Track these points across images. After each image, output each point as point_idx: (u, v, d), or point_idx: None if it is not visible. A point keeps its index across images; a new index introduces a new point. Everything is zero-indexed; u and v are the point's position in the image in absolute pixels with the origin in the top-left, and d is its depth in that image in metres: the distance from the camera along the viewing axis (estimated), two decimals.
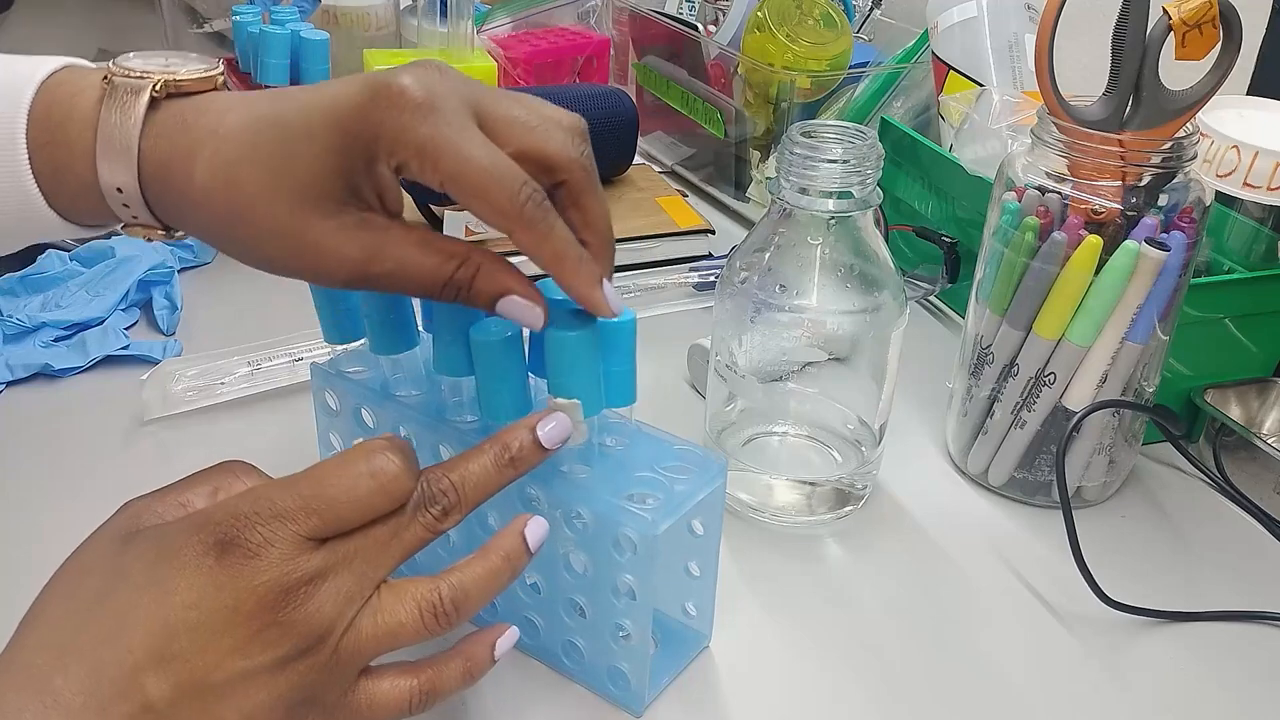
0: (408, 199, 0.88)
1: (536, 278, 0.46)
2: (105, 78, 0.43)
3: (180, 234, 0.45)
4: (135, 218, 0.44)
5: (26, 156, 0.43)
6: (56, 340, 0.74)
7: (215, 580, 0.36)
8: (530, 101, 0.43)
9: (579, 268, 0.42)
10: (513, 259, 0.44)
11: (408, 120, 0.39)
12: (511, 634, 0.43)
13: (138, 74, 0.42)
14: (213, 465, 0.42)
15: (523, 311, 0.42)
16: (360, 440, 0.40)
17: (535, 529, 0.42)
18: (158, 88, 0.42)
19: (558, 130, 0.42)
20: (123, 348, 0.74)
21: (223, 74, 0.45)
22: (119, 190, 0.42)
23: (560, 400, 0.44)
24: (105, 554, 0.38)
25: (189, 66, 0.44)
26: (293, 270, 0.42)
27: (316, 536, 0.38)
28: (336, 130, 0.40)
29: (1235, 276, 0.68)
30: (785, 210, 0.57)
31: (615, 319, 0.43)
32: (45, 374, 0.71)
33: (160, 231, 0.44)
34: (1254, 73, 0.80)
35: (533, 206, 0.40)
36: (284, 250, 0.41)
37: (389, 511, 0.39)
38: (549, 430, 0.42)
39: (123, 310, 0.78)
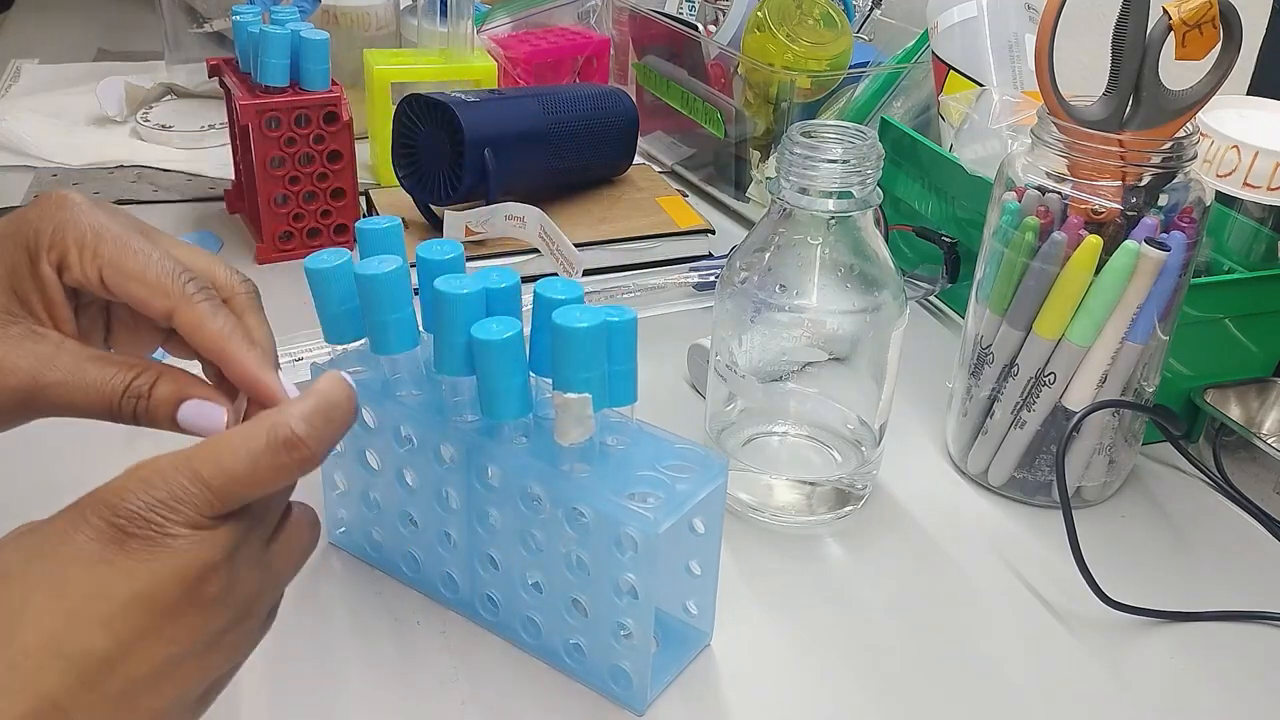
0: (407, 199, 0.88)
1: (537, 278, 0.46)
2: None
3: None
4: None
5: None
6: None
7: (124, 570, 0.33)
8: (201, 249, 0.44)
9: (247, 353, 0.41)
10: (514, 260, 0.44)
11: (69, 215, 0.40)
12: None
13: None
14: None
15: (205, 413, 0.40)
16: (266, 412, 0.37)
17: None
18: None
19: (215, 258, 0.43)
20: None
21: None
22: None
23: (569, 395, 0.44)
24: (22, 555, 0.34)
25: None
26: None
27: (220, 515, 0.35)
28: (1, 237, 0.40)
29: (1235, 276, 0.68)
30: (785, 210, 0.57)
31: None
32: None
33: None
34: (1254, 73, 0.80)
35: (195, 287, 0.40)
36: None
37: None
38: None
39: None
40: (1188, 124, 0.57)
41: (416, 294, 0.49)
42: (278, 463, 0.35)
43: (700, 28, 1.06)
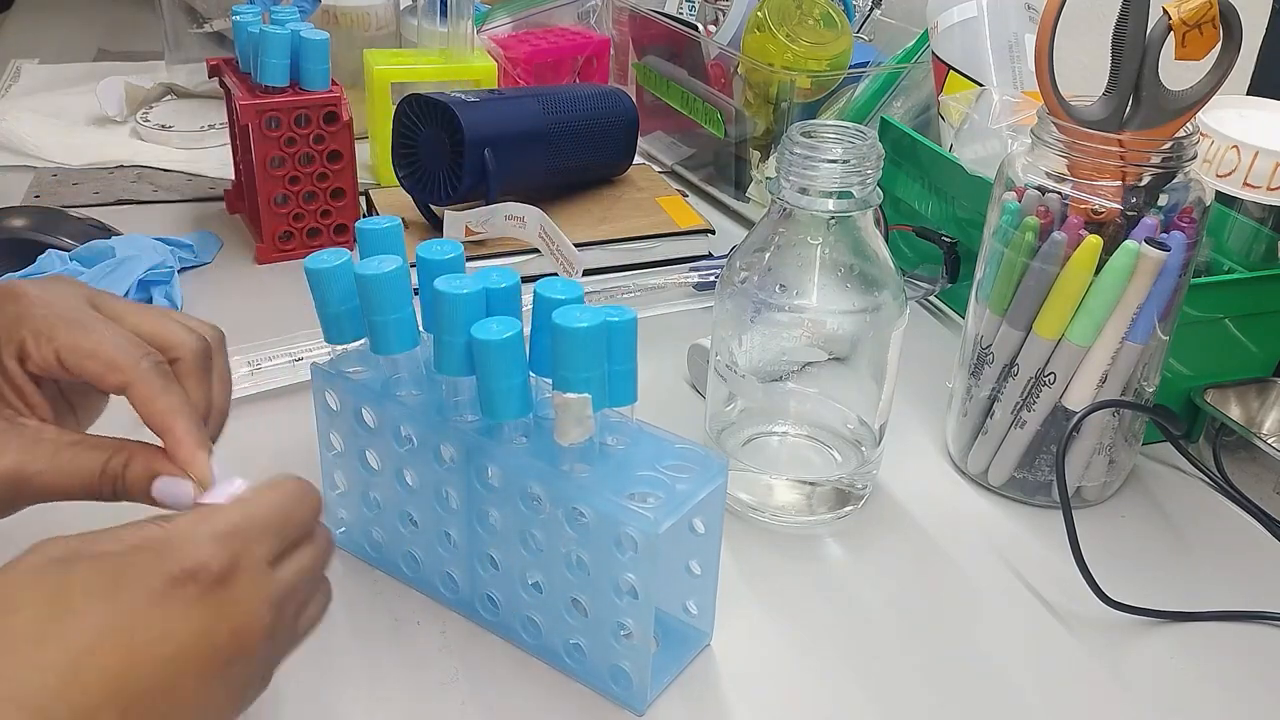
0: (407, 199, 0.88)
1: (537, 278, 0.46)
2: None
3: None
4: None
5: None
6: None
7: (184, 611, 0.34)
8: (150, 306, 0.45)
9: (188, 431, 0.42)
10: (514, 260, 0.44)
11: (21, 308, 0.41)
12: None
13: None
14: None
15: (173, 489, 0.42)
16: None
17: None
18: None
19: (171, 318, 0.45)
20: None
21: None
22: None
23: (569, 395, 0.44)
24: (37, 586, 0.34)
25: None
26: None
27: (271, 555, 0.38)
28: None
29: (1235, 276, 0.68)
30: (785, 210, 0.57)
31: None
32: None
33: None
34: (1254, 73, 0.80)
35: (149, 364, 0.42)
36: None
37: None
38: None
39: None
40: (1188, 124, 0.57)
41: (416, 294, 0.49)
42: (313, 501, 0.41)
43: (700, 28, 1.06)
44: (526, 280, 0.48)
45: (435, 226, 0.86)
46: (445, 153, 0.84)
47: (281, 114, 0.83)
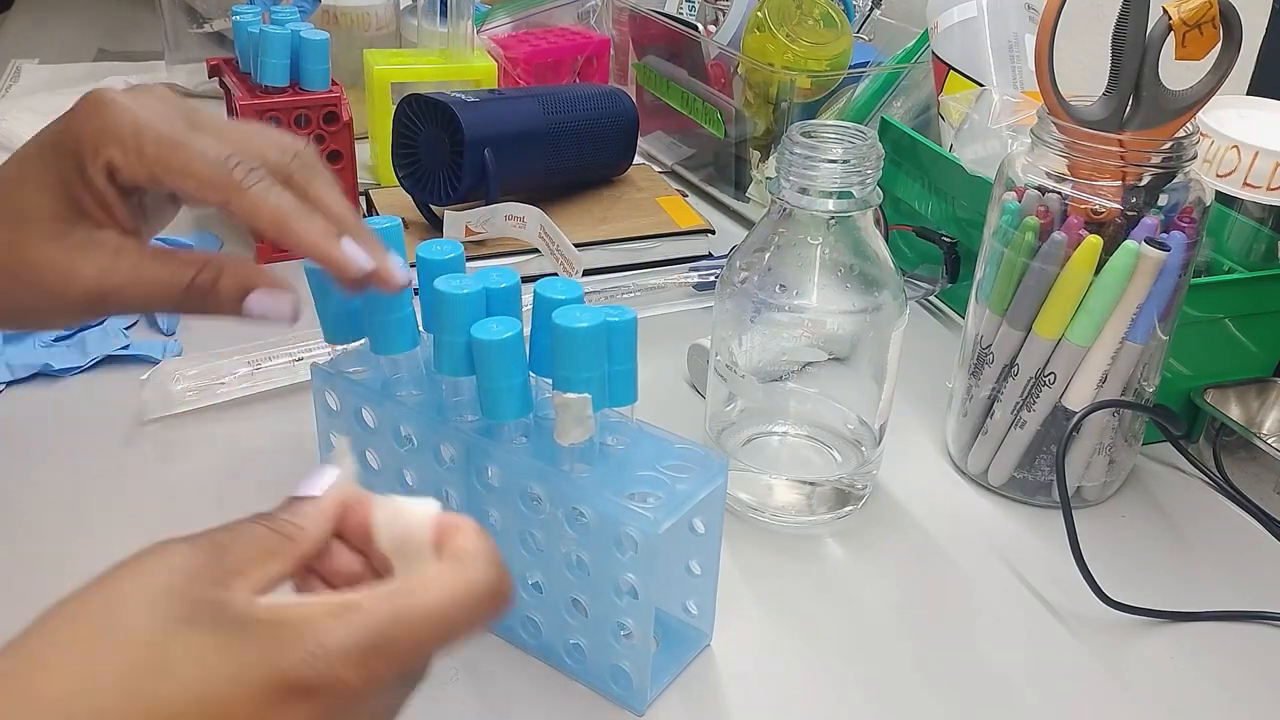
0: (407, 199, 0.88)
1: (537, 278, 0.46)
2: None
3: None
4: None
5: None
6: (56, 340, 0.74)
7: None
8: (243, 121, 0.43)
9: (306, 224, 0.40)
10: (514, 260, 0.44)
11: (110, 117, 0.39)
12: None
13: None
14: (252, 520, 0.33)
15: (272, 302, 0.41)
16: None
17: None
18: None
19: (267, 131, 0.43)
20: (123, 348, 0.74)
21: None
22: None
23: (569, 396, 0.44)
24: (144, 623, 0.29)
25: None
26: (34, 306, 0.40)
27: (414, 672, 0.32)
28: (45, 147, 0.40)
29: (1235, 276, 0.68)
30: (785, 210, 0.57)
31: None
32: (45, 374, 0.71)
33: None
34: (1254, 73, 0.80)
35: (242, 171, 0.40)
36: (17, 284, 0.40)
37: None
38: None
39: None
40: (1188, 124, 0.57)
41: (416, 294, 0.49)
42: (490, 614, 0.32)
43: (700, 28, 1.06)
44: (526, 280, 0.48)
45: (435, 226, 0.86)
46: (445, 153, 0.84)
47: (281, 114, 0.83)
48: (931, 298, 0.86)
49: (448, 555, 0.33)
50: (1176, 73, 0.57)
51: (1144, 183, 0.57)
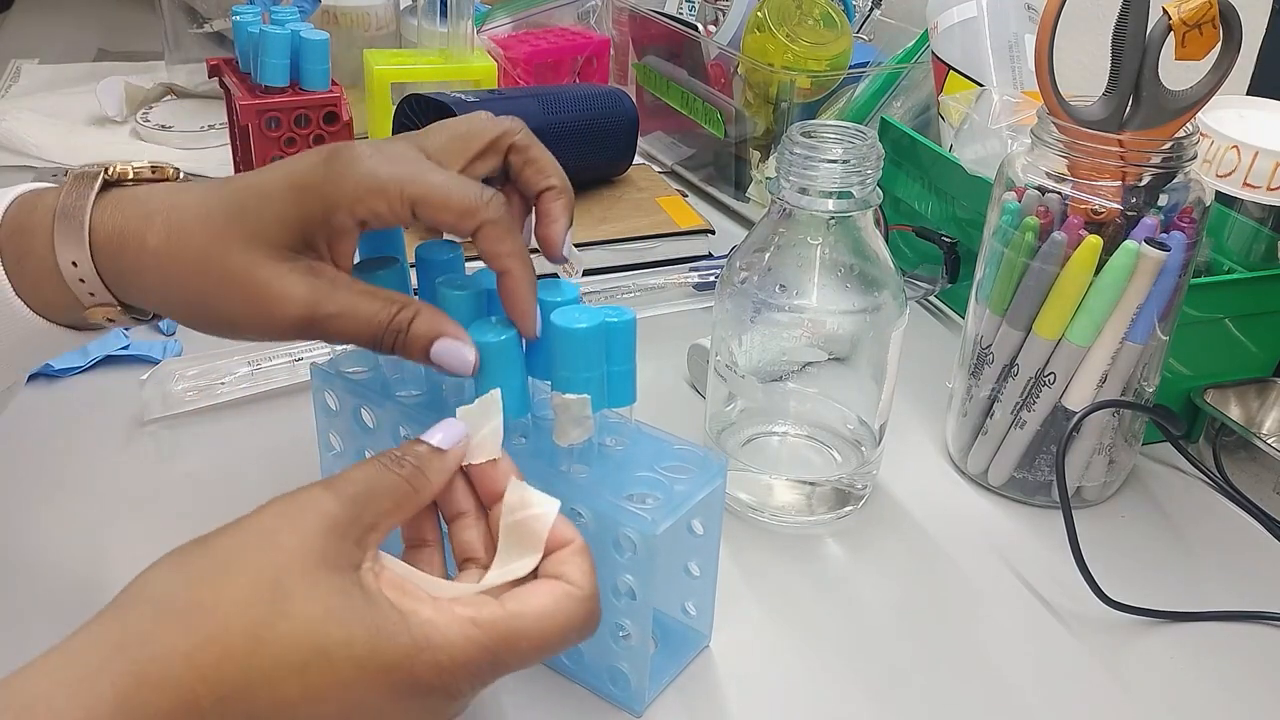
0: None
1: (542, 277, 0.46)
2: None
3: (143, 316, 0.46)
4: (93, 295, 0.44)
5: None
6: None
7: (409, 713, 0.36)
8: (462, 133, 0.47)
9: (525, 278, 0.44)
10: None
11: (368, 166, 0.42)
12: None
13: (97, 166, 0.44)
14: (386, 465, 0.40)
15: (456, 353, 0.43)
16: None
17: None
18: (110, 172, 0.44)
19: (480, 118, 0.47)
20: (123, 348, 0.74)
21: (178, 168, 0.47)
22: (74, 265, 0.43)
23: (568, 396, 0.44)
24: (309, 604, 0.35)
25: (146, 162, 0.46)
26: (244, 318, 0.43)
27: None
28: (295, 188, 0.42)
29: (1235, 276, 0.68)
30: (785, 210, 0.57)
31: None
32: (45, 374, 0.71)
33: (118, 308, 0.44)
34: (1254, 73, 0.80)
35: (496, 205, 0.43)
36: (235, 297, 0.42)
37: None
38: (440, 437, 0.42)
39: None
40: (1188, 124, 0.57)
41: (416, 294, 0.49)
42: (577, 636, 0.39)
43: (700, 28, 1.06)
44: None
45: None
46: None
47: (281, 114, 0.83)
48: (931, 298, 0.86)
49: (560, 579, 0.39)
50: (1176, 73, 0.57)
51: (1144, 183, 0.57)
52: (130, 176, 0.45)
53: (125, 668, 0.33)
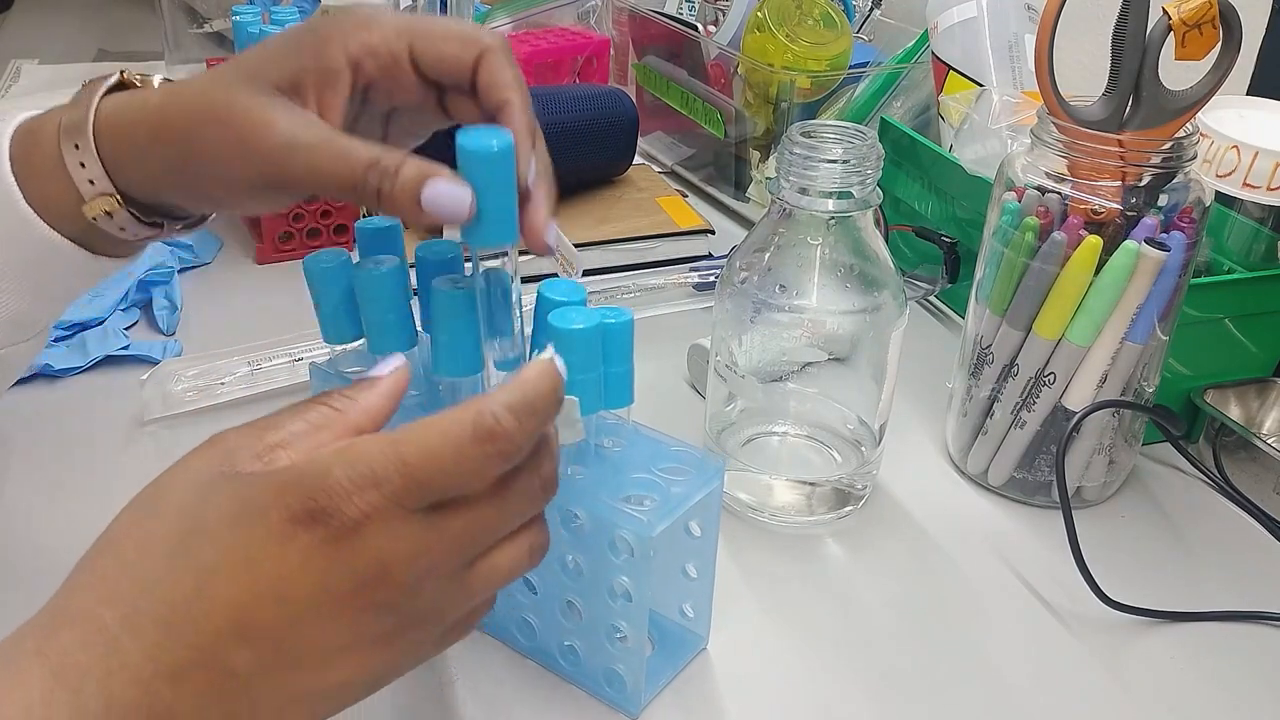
0: None
1: (538, 278, 0.46)
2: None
3: (141, 219, 0.45)
4: (93, 184, 0.43)
5: (9, 162, 0.44)
6: (56, 340, 0.74)
7: (305, 554, 0.33)
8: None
9: (524, 109, 0.42)
10: (520, 258, 0.44)
11: (367, 10, 0.42)
12: None
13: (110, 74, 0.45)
14: (309, 400, 0.38)
15: (451, 195, 0.40)
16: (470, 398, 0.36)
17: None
18: (124, 75, 0.45)
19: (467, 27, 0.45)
20: (123, 348, 0.74)
21: None
22: (76, 147, 0.43)
23: None
24: (184, 498, 0.35)
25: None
26: (225, 154, 0.41)
27: (417, 507, 0.35)
28: (293, 30, 0.43)
29: (1235, 276, 0.68)
30: (785, 210, 0.57)
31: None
32: (45, 374, 0.71)
33: (115, 198, 0.44)
34: (1254, 73, 0.80)
35: (498, 34, 0.43)
36: (216, 129, 0.41)
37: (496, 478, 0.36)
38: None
39: (123, 310, 0.78)
40: (1188, 124, 0.57)
41: (416, 294, 0.49)
42: (481, 453, 0.35)
43: (700, 28, 1.06)
44: (527, 280, 0.48)
45: (435, 227, 0.85)
46: (445, 153, 0.84)
47: None
48: (931, 298, 0.86)
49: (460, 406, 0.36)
50: (1176, 73, 0.56)
51: (1144, 183, 0.57)
52: (138, 86, 0.45)
53: (42, 620, 0.34)
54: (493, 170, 0.40)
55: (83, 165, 0.43)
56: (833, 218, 0.56)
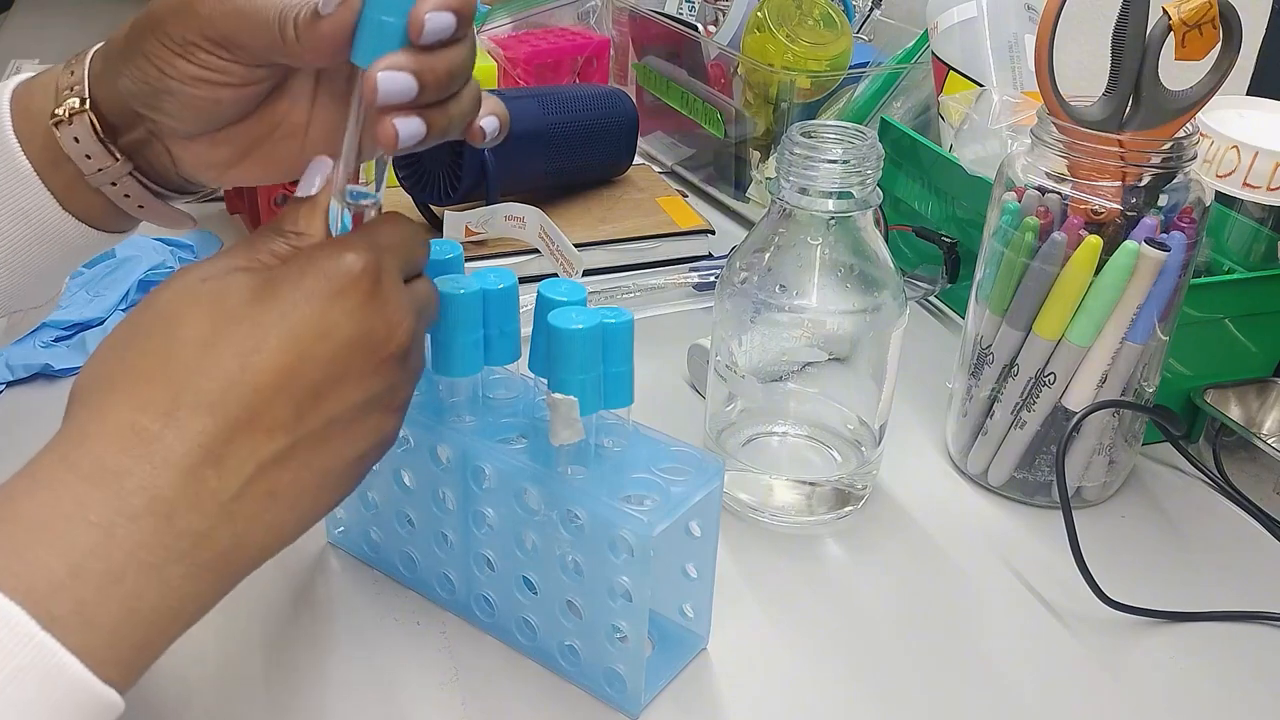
0: (407, 199, 0.88)
1: (538, 278, 0.46)
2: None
3: (118, 167, 0.44)
4: (71, 89, 0.43)
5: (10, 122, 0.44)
6: (56, 340, 0.74)
7: (347, 313, 0.37)
8: None
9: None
10: (514, 260, 0.44)
11: None
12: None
13: None
14: (263, 234, 0.40)
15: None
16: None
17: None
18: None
19: None
20: None
21: None
22: (71, 88, 0.43)
23: (558, 396, 0.44)
24: (194, 303, 0.37)
25: None
26: (179, 21, 0.40)
27: (407, 276, 0.40)
28: None
29: (1235, 276, 0.68)
30: (785, 210, 0.57)
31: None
32: (45, 374, 0.71)
33: (84, 101, 0.43)
34: (1254, 73, 0.80)
35: None
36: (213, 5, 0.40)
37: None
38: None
39: (122, 310, 0.78)
40: (1188, 124, 0.57)
41: None
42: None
43: (700, 28, 1.06)
44: (526, 281, 0.48)
45: (435, 227, 0.85)
46: (445, 153, 0.84)
47: None
48: (931, 298, 0.86)
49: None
50: (1176, 73, 0.56)
51: (1144, 183, 0.57)
52: None
53: (65, 441, 0.36)
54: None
55: (72, 73, 0.43)
56: (833, 218, 0.56)
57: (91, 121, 0.43)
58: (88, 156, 0.43)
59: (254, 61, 0.41)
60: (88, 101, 0.43)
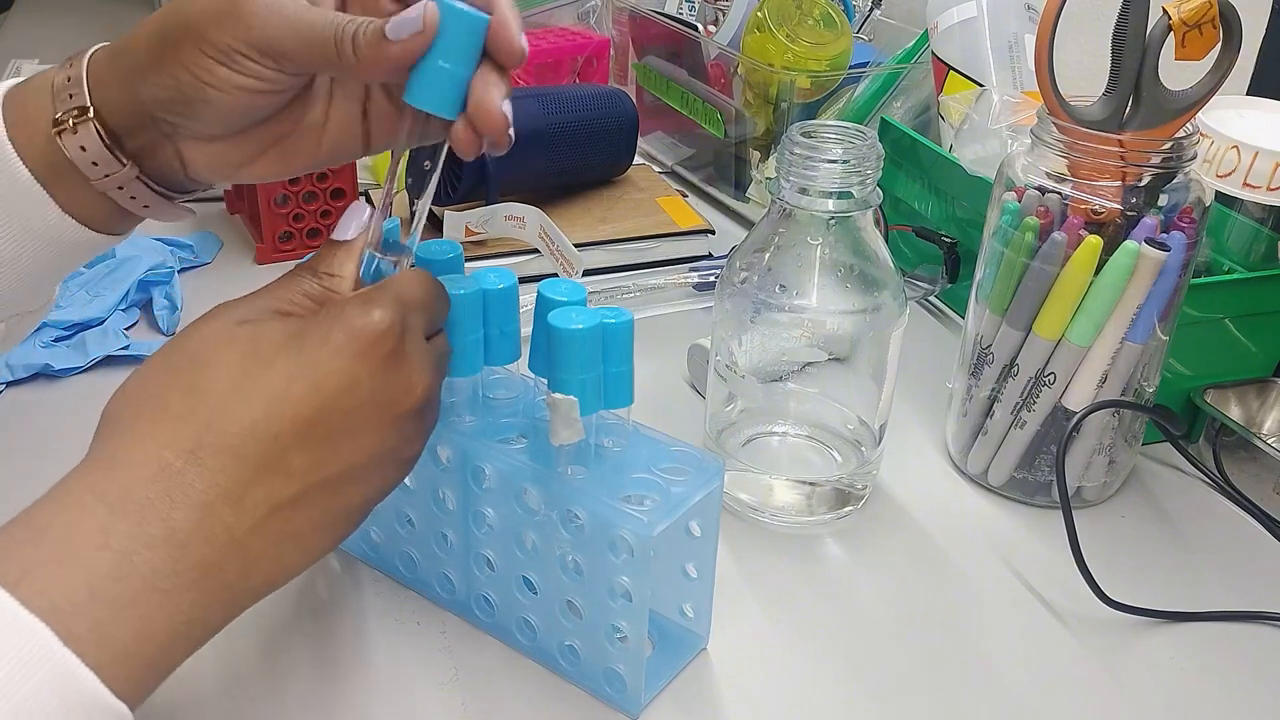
0: (402, 197, 0.88)
1: (537, 278, 0.46)
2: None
3: (122, 170, 0.44)
4: (70, 96, 0.42)
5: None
6: (56, 340, 0.74)
7: (370, 370, 0.39)
8: None
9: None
10: (514, 260, 0.44)
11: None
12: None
13: None
14: (297, 273, 0.43)
15: (410, 18, 0.39)
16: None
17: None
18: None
19: None
20: (123, 348, 0.74)
21: None
22: (68, 67, 0.43)
23: (557, 396, 0.44)
24: (227, 345, 0.39)
25: None
26: (213, 19, 0.40)
27: (429, 333, 0.42)
28: None
29: (1235, 276, 0.68)
30: (785, 210, 0.57)
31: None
32: (45, 374, 0.71)
33: (94, 129, 0.42)
34: (1254, 73, 0.80)
35: None
36: (211, 5, 0.40)
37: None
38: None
39: (123, 310, 0.78)
40: (1188, 124, 0.57)
41: None
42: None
43: (700, 28, 1.06)
44: (526, 280, 0.48)
45: (435, 226, 0.85)
46: (457, 170, 0.84)
47: None
48: (931, 298, 0.86)
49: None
50: (1176, 73, 0.56)
51: (1144, 183, 0.57)
52: None
53: (93, 470, 0.38)
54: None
55: (69, 79, 0.43)
56: (833, 218, 0.56)
57: (98, 129, 0.43)
58: (94, 164, 0.43)
59: (298, 71, 0.41)
60: (90, 109, 0.43)
